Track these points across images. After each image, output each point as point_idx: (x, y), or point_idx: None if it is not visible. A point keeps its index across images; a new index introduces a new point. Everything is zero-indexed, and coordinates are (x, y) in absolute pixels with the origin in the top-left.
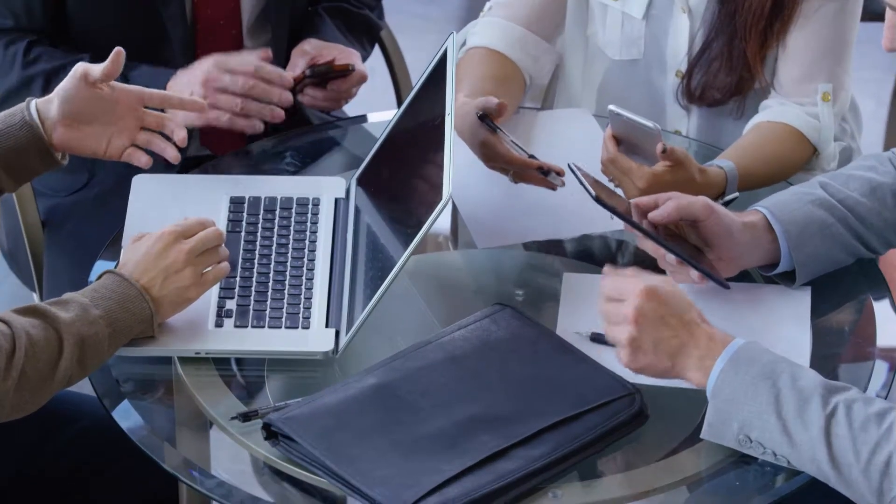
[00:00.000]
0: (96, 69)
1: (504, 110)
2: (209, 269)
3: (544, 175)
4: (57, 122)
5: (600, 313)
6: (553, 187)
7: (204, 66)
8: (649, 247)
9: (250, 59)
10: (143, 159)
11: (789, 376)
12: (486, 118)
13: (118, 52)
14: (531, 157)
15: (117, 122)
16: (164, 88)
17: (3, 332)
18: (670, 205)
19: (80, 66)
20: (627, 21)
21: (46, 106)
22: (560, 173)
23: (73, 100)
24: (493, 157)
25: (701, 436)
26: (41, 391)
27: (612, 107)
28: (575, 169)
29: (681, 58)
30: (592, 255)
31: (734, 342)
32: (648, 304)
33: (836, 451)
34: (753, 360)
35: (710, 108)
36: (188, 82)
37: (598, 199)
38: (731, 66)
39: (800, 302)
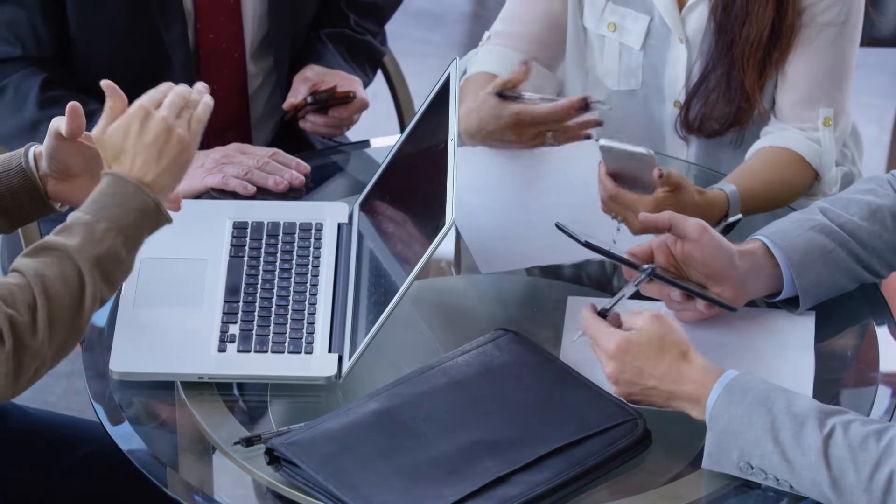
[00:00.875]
0: (63, 127)
1: (524, 70)
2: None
3: (586, 108)
4: (48, 175)
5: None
6: (599, 123)
7: (224, 147)
8: (653, 291)
9: (270, 150)
10: None
11: (784, 402)
12: (505, 92)
13: (72, 107)
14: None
15: None
16: None
17: (20, 285)
18: (665, 213)
19: (54, 123)
20: (625, 52)
21: (41, 157)
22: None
23: (56, 156)
24: (529, 123)
25: (702, 466)
26: (76, 326)
27: (602, 141)
28: (563, 226)
29: (679, 88)
30: (595, 280)
31: (727, 373)
32: (622, 363)
33: (836, 472)
34: (747, 389)
35: (709, 138)
36: (204, 155)
37: (587, 244)
38: (729, 96)
39: (804, 327)
